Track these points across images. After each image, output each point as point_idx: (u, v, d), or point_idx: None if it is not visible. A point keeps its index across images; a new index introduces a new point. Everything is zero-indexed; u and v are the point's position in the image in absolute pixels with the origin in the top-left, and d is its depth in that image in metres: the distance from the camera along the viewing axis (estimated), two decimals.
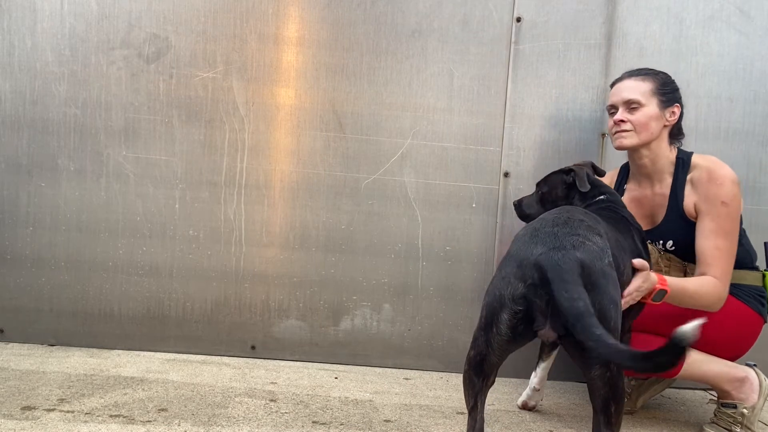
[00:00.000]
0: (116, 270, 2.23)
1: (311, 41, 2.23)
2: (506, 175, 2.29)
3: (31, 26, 2.17)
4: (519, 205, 2.00)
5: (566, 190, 1.87)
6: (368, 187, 2.27)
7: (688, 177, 1.84)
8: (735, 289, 1.83)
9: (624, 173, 2.07)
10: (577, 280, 1.20)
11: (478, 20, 2.25)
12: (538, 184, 1.97)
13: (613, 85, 1.97)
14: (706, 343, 1.79)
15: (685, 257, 1.88)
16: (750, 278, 1.84)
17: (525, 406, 1.95)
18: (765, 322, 1.86)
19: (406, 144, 2.27)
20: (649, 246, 1.88)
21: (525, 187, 2.28)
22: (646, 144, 1.88)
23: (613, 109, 1.94)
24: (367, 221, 2.27)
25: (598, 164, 2.28)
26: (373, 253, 2.27)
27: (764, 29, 2.31)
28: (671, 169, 1.89)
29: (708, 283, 1.73)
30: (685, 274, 1.88)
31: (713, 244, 1.75)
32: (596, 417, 1.29)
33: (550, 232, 1.30)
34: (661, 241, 1.91)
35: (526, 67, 2.27)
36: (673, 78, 1.93)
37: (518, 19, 2.25)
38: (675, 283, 1.70)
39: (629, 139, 1.88)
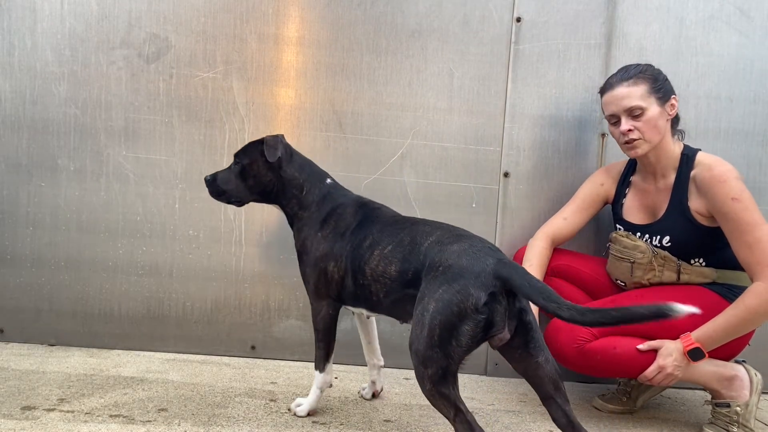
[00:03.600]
0: (116, 270, 2.23)
1: (311, 41, 2.23)
2: (506, 175, 2.29)
3: (31, 26, 2.17)
4: (213, 181, 1.78)
5: (267, 165, 1.73)
6: (368, 187, 2.27)
7: (692, 174, 1.83)
8: (726, 291, 1.82)
9: (631, 165, 2.05)
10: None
11: (478, 20, 2.25)
12: (236, 155, 1.78)
13: (603, 91, 1.93)
14: None
15: (681, 255, 1.87)
16: (744, 279, 1.80)
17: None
18: None
19: (406, 144, 2.27)
20: (642, 245, 1.88)
21: (525, 187, 2.29)
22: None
23: (614, 118, 1.90)
24: None
25: (598, 164, 2.29)
26: None
27: (764, 29, 2.31)
28: (675, 164, 1.88)
29: (749, 297, 1.68)
30: (679, 275, 1.86)
31: (744, 243, 1.70)
32: (553, 400, 1.39)
33: (482, 246, 1.39)
34: (657, 236, 1.90)
35: (526, 67, 2.27)
36: (658, 69, 1.89)
37: (518, 19, 2.25)
38: (705, 331, 1.71)
39: (642, 147, 1.86)
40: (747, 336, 1.83)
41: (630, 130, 1.84)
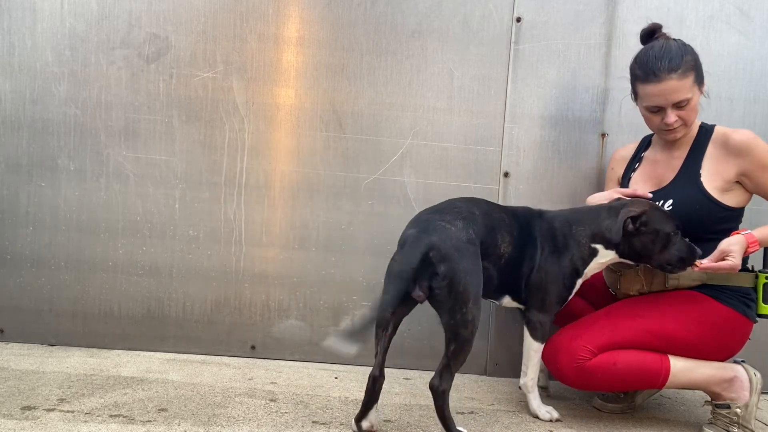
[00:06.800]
0: (116, 270, 2.23)
1: (311, 41, 2.23)
2: (506, 175, 2.29)
3: (31, 26, 2.17)
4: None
5: None
6: (368, 187, 2.27)
7: (720, 140, 1.83)
8: (718, 293, 1.80)
9: (645, 143, 2.05)
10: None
11: (478, 20, 2.25)
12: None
13: (645, 80, 1.80)
14: (694, 350, 1.80)
15: (683, 222, 1.82)
16: (736, 280, 1.79)
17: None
18: (754, 322, 1.82)
19: (406, 144, 2.27)
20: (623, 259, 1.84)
21: (525, 187, 2.29)
22: None
23: (656, 108, 1.82)
24: (367, 221, 2.27)
25: (598, 164, 2.29)
26: (373, 253, 2.27)
27: (764, 29, 2.31)
28: (693, 135, 1.89)
29: None
30: (666, 281, 1.84)
31: None
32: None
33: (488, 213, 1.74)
34: (660, 202, 1.87)
35: (526, 67, 2.27)
36: (690, 46, 1.83)
37: (518, 19, 2.25)
38: (762, 233, 1.74)
39: (681, 132, 1.85)
40: (738, 341, 1.83)
41: (674, 120, 1.81)
